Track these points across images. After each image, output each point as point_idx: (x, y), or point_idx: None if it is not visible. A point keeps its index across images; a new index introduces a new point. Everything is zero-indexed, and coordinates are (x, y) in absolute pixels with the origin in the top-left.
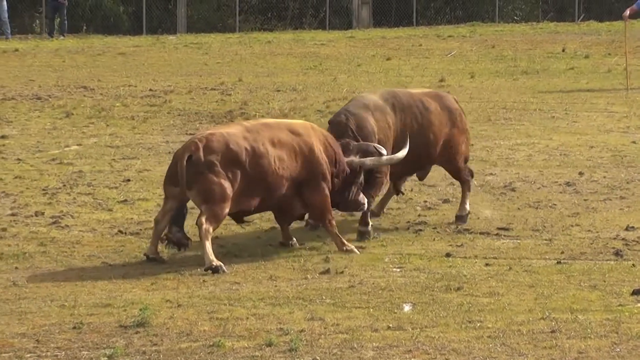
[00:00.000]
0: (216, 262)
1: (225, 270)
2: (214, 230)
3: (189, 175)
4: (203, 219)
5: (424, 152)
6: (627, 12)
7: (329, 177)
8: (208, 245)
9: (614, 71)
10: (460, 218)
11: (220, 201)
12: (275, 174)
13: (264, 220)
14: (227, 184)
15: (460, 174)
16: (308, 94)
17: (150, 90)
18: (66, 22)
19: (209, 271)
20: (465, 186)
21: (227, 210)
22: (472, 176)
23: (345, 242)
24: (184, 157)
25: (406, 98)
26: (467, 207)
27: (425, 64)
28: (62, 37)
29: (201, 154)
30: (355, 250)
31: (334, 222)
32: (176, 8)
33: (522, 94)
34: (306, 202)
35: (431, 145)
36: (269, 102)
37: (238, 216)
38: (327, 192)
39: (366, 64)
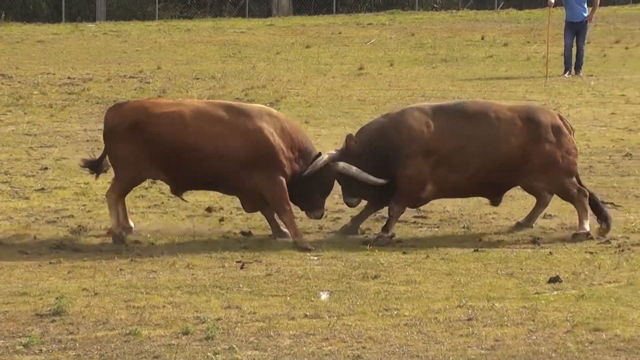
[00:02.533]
0: (119, 231)
1: (127, 241)
2: (117, 196)
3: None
4: (110, 187)
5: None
6: None
7: (283, 162)
8: (112, 212)
9: (533, 59)
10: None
11: (123, 168)
12: (204, 150)
13: (182, 209)
14: (135, 151)
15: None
16: (227, 81)
17: (69, 78)
18: None
19: (113, 238)
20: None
21: (132, 177)
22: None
23: (301, 234)
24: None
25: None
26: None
27: (344, 52)
28: None
29: (115, 119)
30: (309, 246)
31: (289, 209)
32: None
33: (441, 81)
34: (258, 186)
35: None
36: (187, 90)
37: (176, 188)
38: (279, 177)
39: (285, 51)
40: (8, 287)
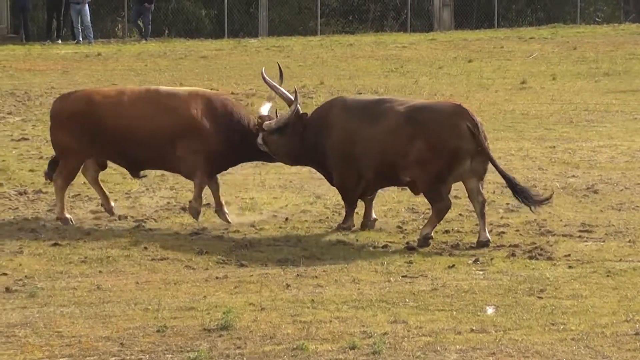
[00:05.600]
0: (65, 216)
1: (73, 222)
2: (63, 182)
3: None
4: (56, 174)
5: None
6: None
7: (205, 138)
8: (59, 197)
9: None
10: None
11: (64, 155)
12: (137, 131)
13: None
14: (70, 139)
15: None
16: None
17: (232, 93)
18: (150, 26)
19: (59, 222)
20: None
21: (74, 163)
22: None
23: (199, 200)
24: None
25: None
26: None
27: (506, 66)
28: (144, 41)
29: (57, 107)
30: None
31: (204, 179)
32: (257, 11)
33: (604, 95)
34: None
35: None
36: None
37: (129, 169)
38: (198, 150)
39: (447, 66)
40: (175, 301)
